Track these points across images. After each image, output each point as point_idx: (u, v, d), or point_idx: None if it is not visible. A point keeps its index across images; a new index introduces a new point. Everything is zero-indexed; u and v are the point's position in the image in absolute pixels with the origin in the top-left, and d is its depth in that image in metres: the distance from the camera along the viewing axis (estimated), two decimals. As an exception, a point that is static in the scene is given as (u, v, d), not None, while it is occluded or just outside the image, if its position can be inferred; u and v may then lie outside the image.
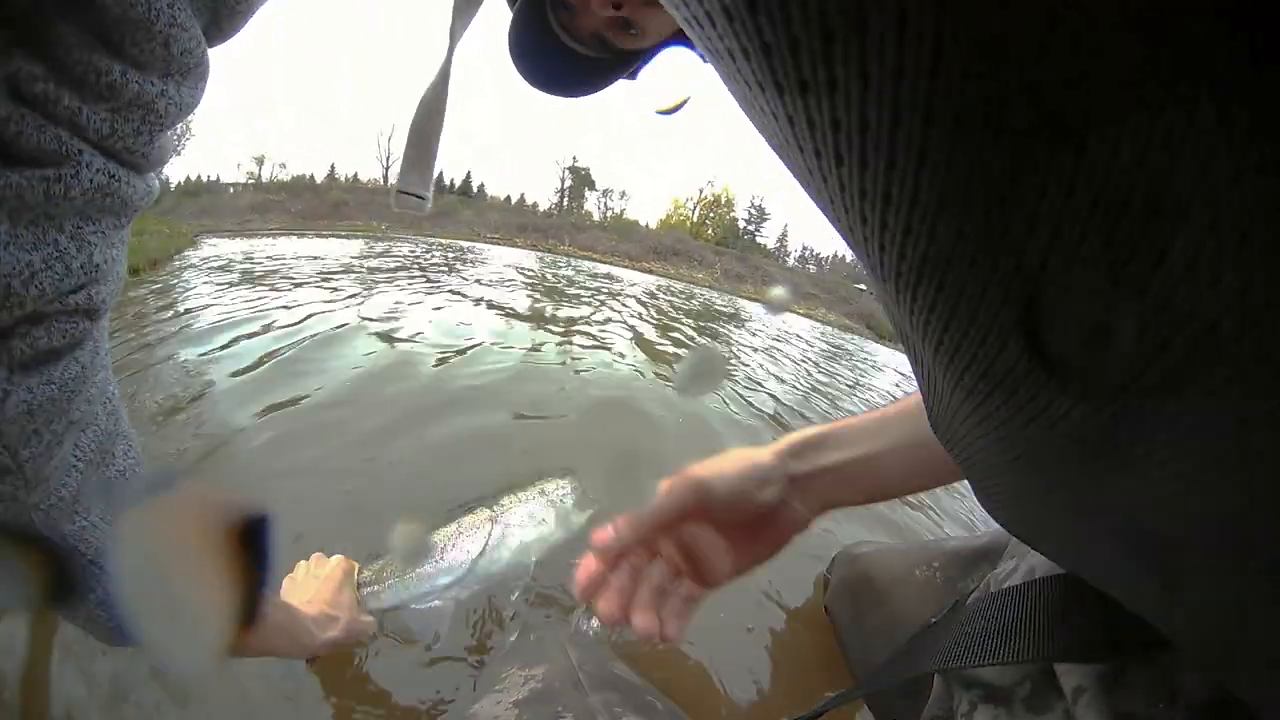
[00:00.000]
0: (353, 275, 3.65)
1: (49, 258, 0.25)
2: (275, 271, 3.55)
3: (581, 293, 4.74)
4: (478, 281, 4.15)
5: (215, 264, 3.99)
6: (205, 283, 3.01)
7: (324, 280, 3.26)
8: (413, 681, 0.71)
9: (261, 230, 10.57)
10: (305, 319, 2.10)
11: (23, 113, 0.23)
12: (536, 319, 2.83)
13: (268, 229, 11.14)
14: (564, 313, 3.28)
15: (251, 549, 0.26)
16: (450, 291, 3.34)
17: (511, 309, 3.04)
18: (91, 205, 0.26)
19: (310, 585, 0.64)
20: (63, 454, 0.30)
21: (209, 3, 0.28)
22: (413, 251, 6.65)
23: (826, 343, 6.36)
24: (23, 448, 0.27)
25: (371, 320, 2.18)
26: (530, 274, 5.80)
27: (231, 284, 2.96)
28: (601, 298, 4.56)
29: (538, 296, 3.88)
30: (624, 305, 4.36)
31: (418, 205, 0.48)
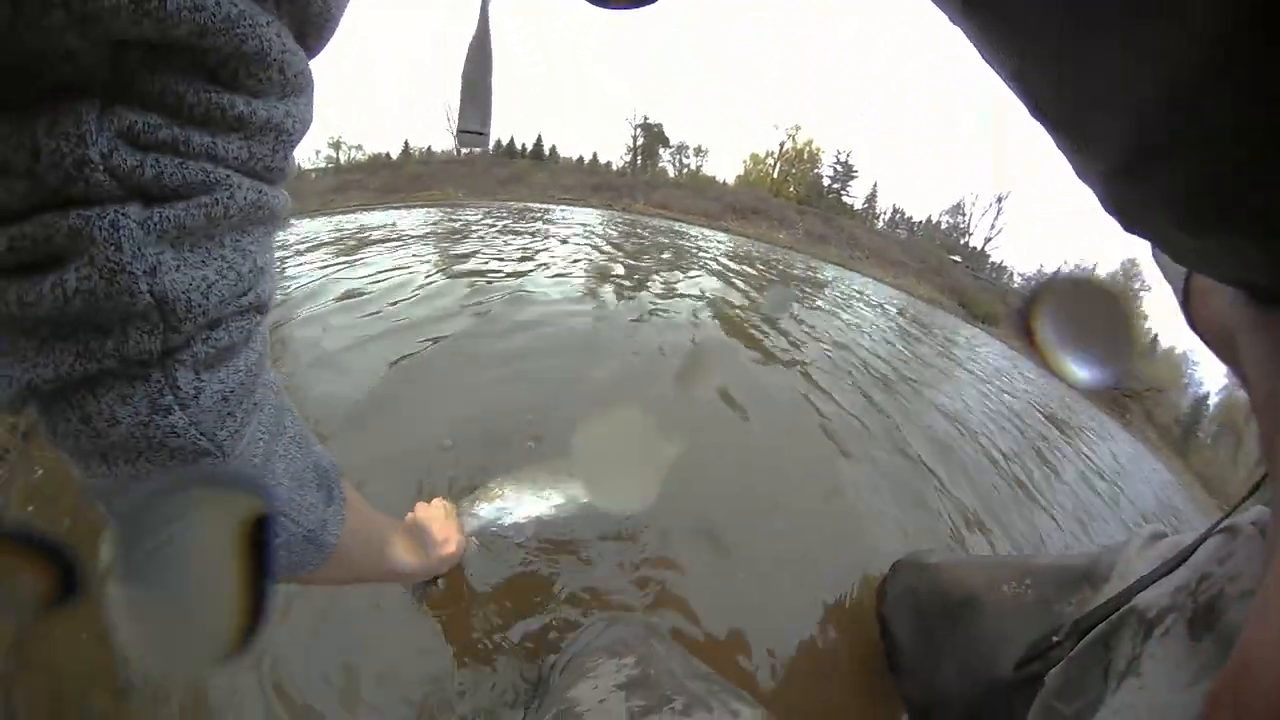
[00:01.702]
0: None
1: (221, 269, 0.27)
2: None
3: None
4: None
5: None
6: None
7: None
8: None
9: (343, 207, 11.32)
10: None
11: (155, 158, 0.23)
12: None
13: (348, 205, 11.91)
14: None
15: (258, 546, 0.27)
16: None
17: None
18: (246, 220, 0.28)
19: (427, 522, 0.83)
20: (250, 430, 0.33)
21: (293, 22, 0.28)
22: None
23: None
24: (219, 430, 0.30)
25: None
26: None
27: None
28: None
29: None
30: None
31: (479, 141, 0.51)
